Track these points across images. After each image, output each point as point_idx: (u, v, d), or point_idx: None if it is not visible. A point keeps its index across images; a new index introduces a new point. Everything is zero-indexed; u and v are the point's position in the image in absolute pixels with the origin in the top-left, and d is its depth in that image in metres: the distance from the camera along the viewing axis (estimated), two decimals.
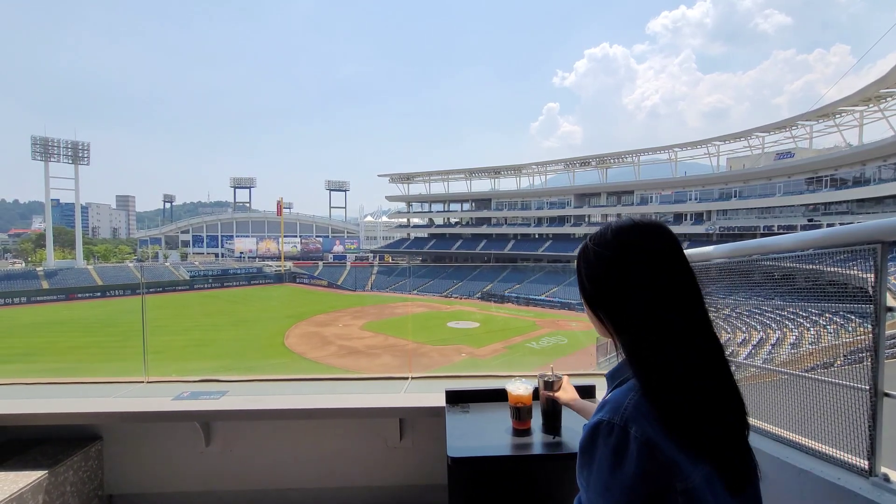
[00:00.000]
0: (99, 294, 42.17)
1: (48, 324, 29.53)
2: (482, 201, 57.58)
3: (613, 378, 0.80)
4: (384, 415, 2.09)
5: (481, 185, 58.66)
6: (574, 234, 49.08)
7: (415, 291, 44.08)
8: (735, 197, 39.20)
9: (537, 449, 1.42)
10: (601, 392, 1.80)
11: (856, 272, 1.24)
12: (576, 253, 0.84)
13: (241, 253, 69.49)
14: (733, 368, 0.74)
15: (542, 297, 37.44)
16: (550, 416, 1.47)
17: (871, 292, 1.19)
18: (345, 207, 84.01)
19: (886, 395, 1.15)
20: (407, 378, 2.78)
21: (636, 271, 0.72)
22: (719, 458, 0.66)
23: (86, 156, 52.87)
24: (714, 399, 0.68)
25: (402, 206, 64.70)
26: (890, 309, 1.17)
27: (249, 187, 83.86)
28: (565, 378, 1.47)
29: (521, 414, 1.49)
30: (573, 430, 1.47)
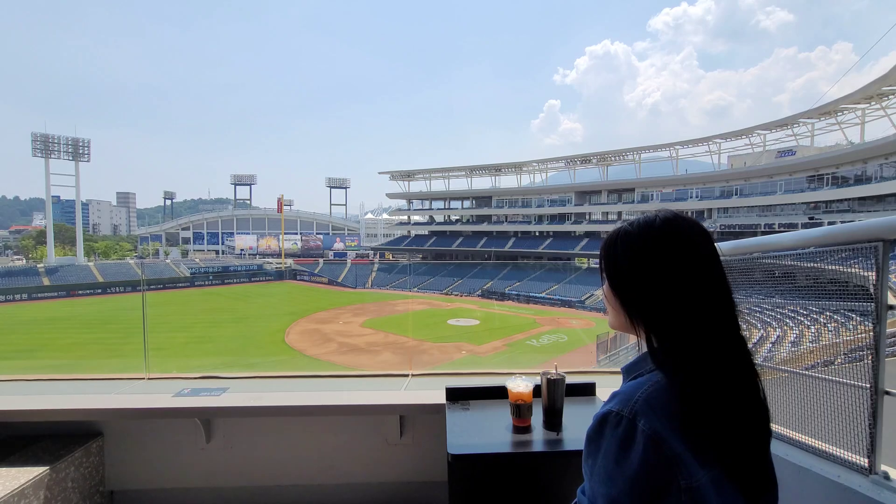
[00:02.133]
0: (100, 291, 42.30)
1: (49, 320, 29.63)
2: (483, 199, 57.56)
3: (629, 372, 0.80)
4: (384, 412, 2.09)
5: (482, 183, 58.78)
6: (574, 231, 49.05)
7: (415, 289, 44.17)
8: (736, 195, 39.16)
9: (538, 446, 1.42)
10: (601, 390, 1.78)
11: (857, 270, 1.24)
12: (575, 245, 0.83)
13: (242, 250, 69.53)
14: None
15: (543, 294, 37.48)
16: (551, 414, 1.48)
17: (872, 290, 1.19)
18: (345, 205, 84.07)
19: (887, 393, 1.16)
20: (407, 375, 2.78)
21: (653, 268, 0.72)
22: (724, 459, 0.67)
23: (86, 153, 52.92)
24: (720, 401, 0.68)
25: (402, 203, 64.72)
26: (891, 307, 1.17)
27: (250, 184, 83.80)
28: None
29: (521, 411, 1.49)
30: (574, 428, 1.48)
